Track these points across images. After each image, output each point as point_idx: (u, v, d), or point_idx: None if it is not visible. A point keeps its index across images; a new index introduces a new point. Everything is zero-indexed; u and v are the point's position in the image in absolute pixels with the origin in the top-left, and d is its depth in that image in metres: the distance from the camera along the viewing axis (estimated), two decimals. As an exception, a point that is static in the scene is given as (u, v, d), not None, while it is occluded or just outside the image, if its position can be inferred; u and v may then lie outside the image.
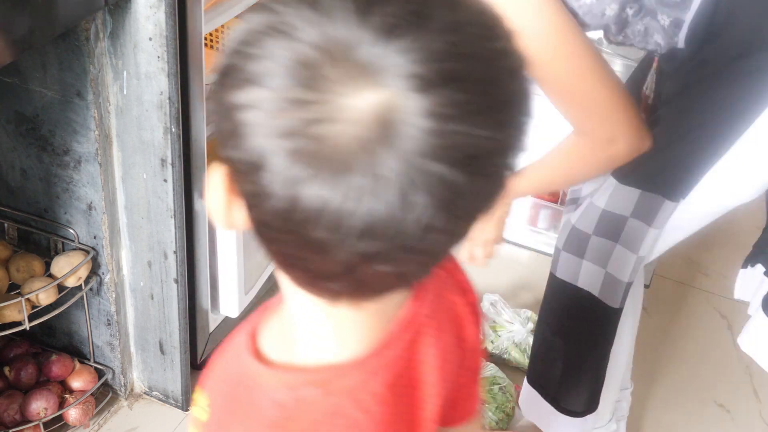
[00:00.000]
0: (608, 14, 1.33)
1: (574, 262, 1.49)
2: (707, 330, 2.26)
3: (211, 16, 1.67)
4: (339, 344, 0.71)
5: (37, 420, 1.73)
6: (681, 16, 1.30)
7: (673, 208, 1.40)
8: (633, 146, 1.32)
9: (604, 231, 1.44)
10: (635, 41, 1.37)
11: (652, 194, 1.39)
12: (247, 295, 1.96)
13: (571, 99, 1.31)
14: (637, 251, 1.44)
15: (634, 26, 1.34)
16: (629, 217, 1.42)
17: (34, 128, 1.58)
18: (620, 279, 1.47)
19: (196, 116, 1.59)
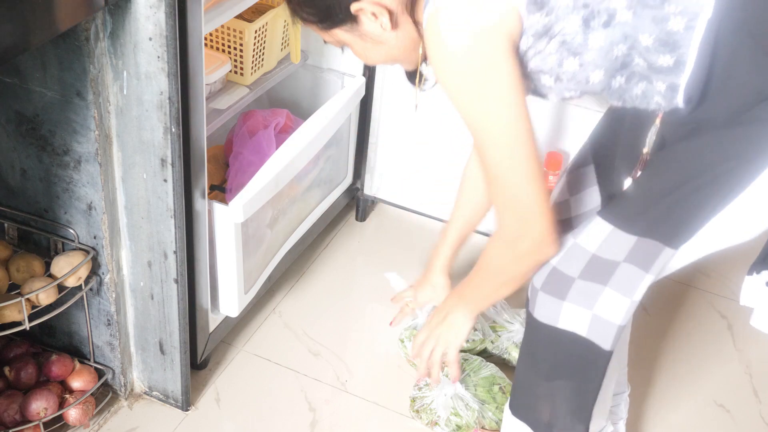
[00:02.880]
0: (593, 81, 1.33)
1: (554, 303, 1.45)
2: (707, 330, 2.26)
3: (211, 16, 1.67)
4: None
5: (37, 420, 1.73)
6: (675, 80, 1.29)
7: (672, 254, 1.38)
8: (537, 251, 1.38)
9: (592, 274, 1.41)
10: (636, 103, 1.35)
11: (651, 240, 1.37)
12: (247, 295, 1.96)
13: (498, 186, 1.35)
14: (632, 296, 1.41)
15: (631, 91, 1.33)
16: (622, 262, 1.39)
17: (34, 128, 1.58)
18: (611, 321, 1.43)
19: (196, 116, 1.59)
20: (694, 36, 1.25)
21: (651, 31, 1.26)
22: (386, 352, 2.12)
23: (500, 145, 1.30)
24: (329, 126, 2.03)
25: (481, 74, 1.26)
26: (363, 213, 2.51)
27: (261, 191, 1.81)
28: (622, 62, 1.30)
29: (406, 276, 2.34)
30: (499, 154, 1.31)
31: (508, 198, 1.35)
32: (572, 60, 1.31)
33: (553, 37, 1.28)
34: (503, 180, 1.33)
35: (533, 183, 1.32)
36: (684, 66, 1.27)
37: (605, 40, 1.28)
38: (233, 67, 2.00)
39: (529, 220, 1.35)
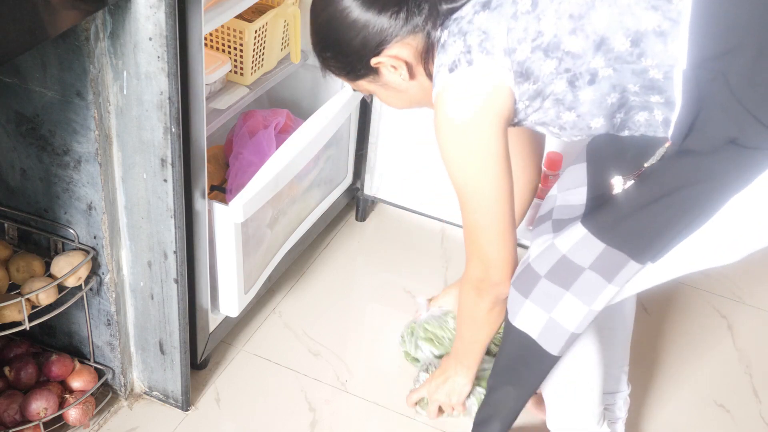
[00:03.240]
0: (595, 127, 1.40)
1: (517, 300, 1.50)
2: (707, 330, 2.26)
3: (211, 16, 1.67)
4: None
5: (37, 420, 1.73)
6: (668, 115, 1.33)
7: (637, 269, 1.40)
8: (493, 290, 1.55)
9: (556, 276, 1.45)
10: (642, 131, 1.39)
11: (617, 251, 1.39)
12: (247, 295, 1.96)
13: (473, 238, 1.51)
14: (590, 304, 1.43)
15: (634, 119, 1.37)
16: (586, 268, 1.42)
17: (34, 128, 1.58)
18: (565, 327, 1.46)
19: (196, 116, 1.59)
20: (674, 85, 1.29)
21: (634, 81, 1.31)
22: (386, 352, 2.12)
23: (479, 208, 1.46)
24: (329, 126, 2.03)
25: (474, 147, 1.40)
26: (363, 213, 2.51)
27: (261, 191, 1.81)
28: (619, 104, 1.36)
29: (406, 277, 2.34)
30: (477, 214, 1.47)
31: (478, 249, 1.51)
32: (569, 113, 1.38)
33: (546, 98, 1.36)
34: (476, 234, 1.49)
35: (502, 240, 1.48)
36: (674, 105, 1.31)
37: (595, 93, 1.34)
38: (233, 67, 2.00)
39: (492, 269, 1.52)
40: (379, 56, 1.43)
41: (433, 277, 2.34)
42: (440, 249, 2.44)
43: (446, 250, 2.43)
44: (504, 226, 1.47)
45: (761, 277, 2.44)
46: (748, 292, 2.38)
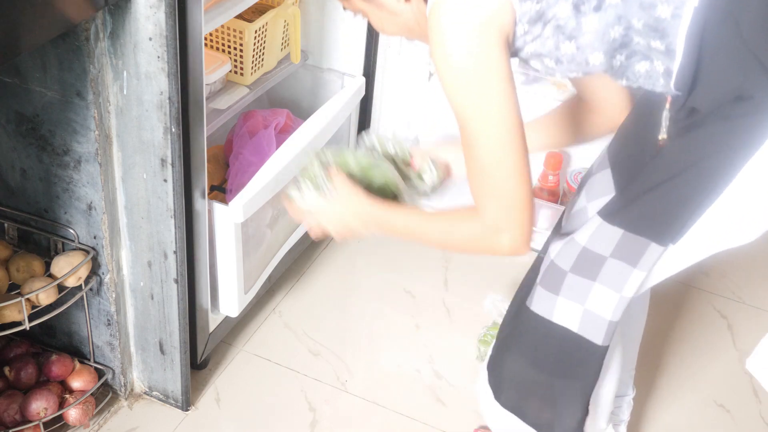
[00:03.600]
0: (593, 62, 1.33)
1: (549, 298, 1.47)
2: (707, 330, 2.26)
3: (211, 16, 1.67)
4: None
5: (37, 420, 1.73)
6: (670, 65, 1.29)
7: (660, 251, 1.37)
8: (514, 247, 1.35)
9: (582, 269, 1.42)
10: (641, 83, 1.35)
11: (636, 236, 1.37)
12: (247, 295, 1.96)
13: (483, 180, 1.34)
14: (621, 291, 1.41)
15: (634, 67, 1.33)
16: (608, 257, 1.39)
17: (34, 128, 1.58)
18: (602, 316, 1.44)
19: (196, 116, 1.59)
20: (681, 24, 1.25)
21: (639, 16, 1.26)
22: (386, 352, 2.12)
23: (489, 137, 1.31)
24: (329, 126, 2.03)
25: (476, 68, 1.27)
26: (363, 213, 2.50)
27: (261, 191, 1.81)
28: (621, 42, 1.30)
29: (406, 277, 2.34)
30: (488, 147, 1.31)
31: (493, 190, 1.34)
32: (568, 44, 1.31)
33: (548, 23, 1.29)
34: (489, 172, 1.33)
35: (519, 177, 1.32)
36: (674, 54, 1.27)
37: (599, 23, 1.28)
38: (233, 67, 2.00)
39: (512, 214, 1.34)
40: None
41: (433, 277, 2.34)
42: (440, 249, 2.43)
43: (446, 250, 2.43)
44: (520, 158, 1.32)
45: (761, 277, 2.44)
46: (748, 292, 2.38)
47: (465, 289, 2.31)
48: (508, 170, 1.32)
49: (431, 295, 2.29)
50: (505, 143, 1.31)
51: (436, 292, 2.30)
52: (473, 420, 1.96)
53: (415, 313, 2.24)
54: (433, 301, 2.27)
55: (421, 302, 2.27)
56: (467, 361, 2.11)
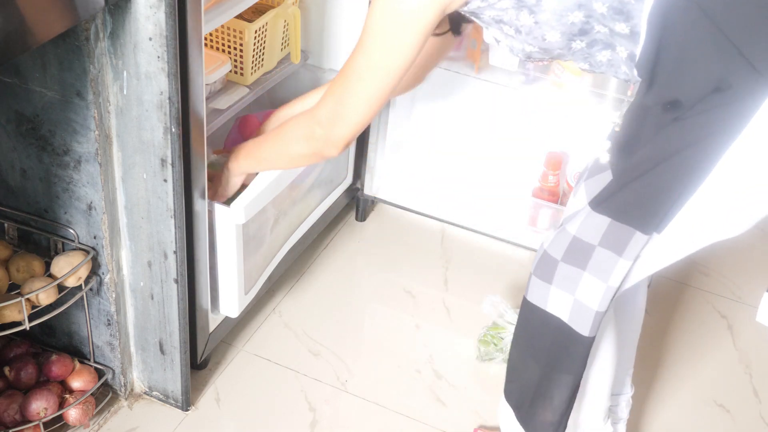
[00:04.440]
0: (549, 40, 1.36)
1: (543, 287, 1.49)
2: (707, 330, 2.26)
3: (211, 16, 1.67)
4: None
5: (37, 420, 1.73)
6: (633, 49, 1.31)
7: (645, 240, 1.38)
8: (323, 143, 1.55)
9: (572, 258, 1.44)
10: (603, 70, 1.38)
11: (622, 225, 1.38)
12: (247, 295, 1.96)
13: (341, 78, 1.48)
14: (607, 281, 1.42)
15: (595, 57, 1.36)
16: (597, 246, 1.40)
17: (34, 128, 1.58)
18: (589, 307, 1.45)
19: (196, 116, 1.59)
20: (644, 6, 1.27)
21: (604, 0, 1.29)
22: (386, 352, 2.12)
23: (369, 59, 1.44)
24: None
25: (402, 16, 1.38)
26: (363, 213, 2.51)
27: (262, 193, 1.81)
28: (581, 29, 1.33)
29: (406, 277, 2.34)
30: (363, 63, 1.44)
31: (341, 91, 1.49)
32: (528, 16, 1.35)
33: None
34: (349, 78, 1.47)
35: (369, 105, 1.47)
36: (638, 37, 1.29)
37: (559, 4, 1.32)
38: (233, 67, 2.00)
39: (339, 120, 1.51)
40: None
41: (433, 277, 2.34)
42: (440, 249, 2.44)
43: (446, 250, 2.43)
44: (381, 95, 1.46)
45: (761, 277, 2.44)
46: (748, 292, 2.38)
47: (465, 289, 2.31)
48: (363, 89, 1.47)
49: (431, 295, 2.29)
50: (381, 77, 1.44)
51: (436, 292, 2.30)
52: (473, 420, 1.96)
53: (415, 313, 2.24)
54: (433, 301, 2.27)
55: (421, 302, 2.27)
56: (467, 361, 2.11)
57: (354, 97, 1.48)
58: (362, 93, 1.47)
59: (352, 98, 1.48)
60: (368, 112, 1.49)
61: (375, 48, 1.42)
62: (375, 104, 1.48)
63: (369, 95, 1.47)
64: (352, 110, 1.49)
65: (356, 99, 1.48)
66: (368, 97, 1.47)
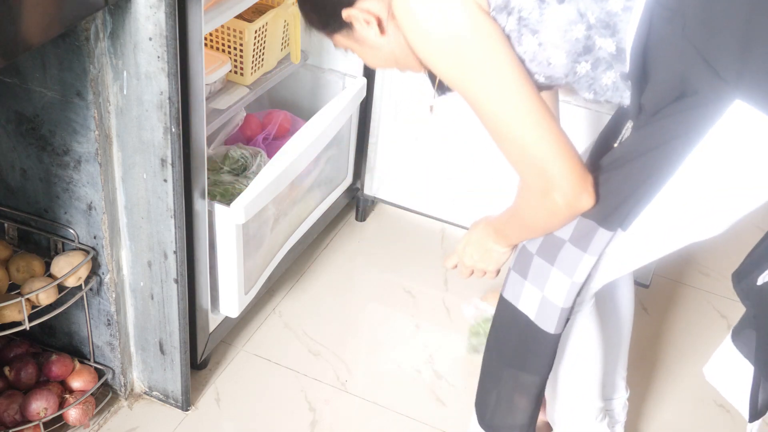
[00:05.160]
0: (555, 63, 1.32)
1: (518, 282, 1.48)
2: (707, 330, 2.26)
3: (211, 16, 1.67)
4: None
5: (37, 420, 1.73)
6: (623, 69, 1.29)
7: (609, 236, 1.37)
8: (570, 202, 1.33)
9: (544, 252, 1.44)
10: (608, 96, 1.35)
11: (587, 220, 1.38)
12: (247, 295, 1.96)
13: (508, 147, 1.32)
14: (572, 276, 1.42)
15: (600, 80, 1.33)
16: (567, 241, 1.40)
17: (34, 128, 1.58)
18: (555, 303, 1.45)
19: (196, 116, 1.59)
20: (631, 17, 1.24)
21: (593, 9, 1.26)
22: (386, 352, 2.12)
23: (498, 104, 1.28)
24: (330, 127, 2.03)
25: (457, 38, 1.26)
26: (363, 213, 2.51)
27: (262, 193, 1.81)
28: (584, 45, 1.30)
29: (406, 277, 2.34)
30: (500, 114, 1.28)
31: (521, 156, 1.31)
32: (531, 38, 1.30)
33: (511, 13, 1.28)
34: (512, 137, 1.29)
35: (545, 135, 1.28)
36: (624, 54, 1.27)
37: (562, 17, 1.28)
38: (233, 67, 2.00)
39: (552, 176, 1.30)
40: (350, 8, 1.36)
41: (433, 277, 2.34)
42: (440, 249, 2.44)
43: (446, 250, 2.43)
44: (539, 114, 1.27)
45: (761, 277, 2.44)
46: (748, 292, 2.38)
47: (465, 289, 2.31)
48: (529, 132, 1.28)
49: (431, 295, 2.29)
50: (515, 106, 1.28)
51: (436, 292, 2.30)
52: (473, 420, 1.96)
53: (415, 313, 2.24)
54: (433, 301, 2.27)
55: (421, 302, 2.27)
56: (467, 361, 2.11)
57: (535, 144, 1.29)
58: (533, 131, 1.28)
59: (535, 147, 1.29)
60: (554, 134, 1.29)
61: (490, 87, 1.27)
62: (548, 123, 1.29)
63: (537, 124, 1.28)
64: (548, 153, 1.29)
65: (538, 141, 1.29)
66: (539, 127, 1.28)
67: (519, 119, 1.28)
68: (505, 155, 1.34)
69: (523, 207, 1.41)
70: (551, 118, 1.29)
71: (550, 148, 1.29)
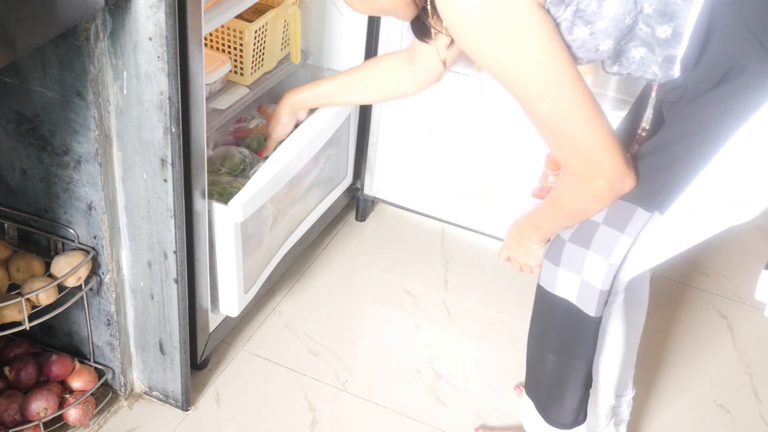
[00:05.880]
0: (602, 49, 1.33)
1: (552, 270, 1.49)
2: (707, 330, 2.26)
3: (211, 16, 1.68)
4: None
5: (37, 420, 1.73)
6: (673, 52, 1.30)
7: (647, 218, 1.38)
8: (615, 185, 1.34)
9: (578, 237, 1.44)
10: (632, 69, 1.36)
11: (625, 202, 1.38)
12: (247, 295, 1.96)
13: (553, 136, 1.32)
14: (609, 257, 1.42)
15: (629, 53, 1.34)
16: (601, 223, 1.41)
17: (34, 128, 1.58)
18: (594, 286, 1.45)
19: (196, 116, 1.59)
20: (692, 7, 1.26)
21: (651, 1, 1.27)
22: (386, 352, 2.12)
23: (544, 94, 1.26)
24: (329, 126, 2.03)
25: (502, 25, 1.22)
26: (363, 213, 2.51)
27: (260, 191, 1.81)
28: (628, 29, 1.30)
29: (406, 277, 2.34)
30: (547, 104, 1.27)
31: (569, 145, 1.30)
32: (583, 28, 1.29)
33: (569, 5, 1.27)
34: (558, 129, 1.29)
35: (590, 122, 1.28)
36: (681, 37, 1.28)
37: (619, 8, 1.27)
38: (233, 67, 2.00)
39: (597, 160, 1.30)
40: None
41: (433, 277, 2.34)
42: (440, 249, 2.44)
43: (446, 250, 2.43)
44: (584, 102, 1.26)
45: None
46: (748, 292, 2.38)
47: (465, 289, 2.31)
48: (574, 120, 1.28)
49: (431, 295, 2.29)
50: (561, 97, 1.27)
51: (436, 292, 2.30)
52: (473, 420, 1.96)
53: (415, 313, 2.24)
54: (433, 301, 2.27)
55: (421, 302, 2.27)
56: (467, 360, 2.11)
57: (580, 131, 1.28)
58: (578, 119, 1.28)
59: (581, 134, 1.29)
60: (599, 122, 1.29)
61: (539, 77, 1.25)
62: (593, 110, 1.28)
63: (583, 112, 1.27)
64: (594, 141, 1.29)
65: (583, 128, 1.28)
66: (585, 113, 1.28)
67: (570, 112, 1.27)
68: (547, 143, 1.33)
69: (564, 194, 1.41)
70: (595, 102, 1.28)
71: (595, 134, 1.29)
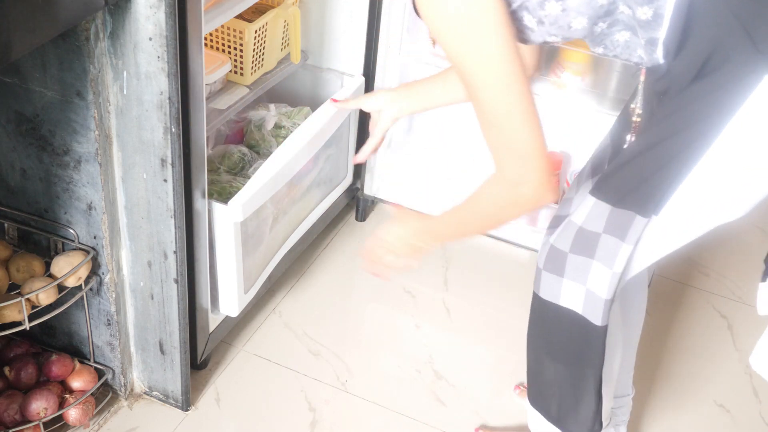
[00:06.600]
0: (575, 27, 1.32)
1: (555, 281, 1.49)
2: (707, 330, 2.26)
3: (211, 16, 1.68)
4: None
5: (37, 420, 1.73)
6: (654, 35, 1.29)
7: (644, 223, 1.39)
8: (537, 196, 1.33)
9: (580, 248, 1.44)
10: (617, 52, 1.36)
11: (622, 210, 1.39)
12: (247, 295, 1.96)
13: (494, 129, 1.31)
14: (612, 267, 1.43)
15: (613, 36, 1.33)
16: (602, 233, 1.41)
17: (34, 128, 1.58)
18: (599, 295, 1.46)
19: (196, 116, 1.59)
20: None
21: None
22: (386, 352, 2.12)
23: (493, 87, 1.27)
24: (328, 125, 2.03)
25: (467, 15, 1.24)
26: (363, 213, 2.51)
27: (260, 190, 1.81)
28: (607, 10, 1.30)
29: (406, 277, 2.34)
30: (493, 97, 1.28)
31: (505, 142, 1.31)
32: (555, 4, 1.30)
33: None
34: (499, 123, 1.30)
35: (530, 124, 1.29)
36: (662, 19, 1.27)
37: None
38: (233, 67, 2.00)
39: (529, 163, 1.31)
40: None
41: (433, 277, 2.34)
42: (440, 249, 2.43)
43: (446, 250, 2.43)
44: (528, 105, 1.28)
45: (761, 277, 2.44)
46: (748, 292, 2.38)
47: (465, 289, 2.31)
48: (516, 120, 1.29)
49: (431, 295, 2.29)
50: (508, 93, 1.27)
51: (436, 292, 2.30)
52: (473, 420, 1.96)
53: (415, 313, 2.24)
54: (433, 301, 2.27)
55: (421, 302, 2.27)
56: (467, 360, 2.11)
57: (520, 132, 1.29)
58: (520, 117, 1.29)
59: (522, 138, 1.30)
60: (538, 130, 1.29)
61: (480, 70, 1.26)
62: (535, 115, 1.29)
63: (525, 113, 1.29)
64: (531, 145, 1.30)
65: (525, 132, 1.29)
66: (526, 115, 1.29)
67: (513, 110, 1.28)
68: (487, 139, 1.33)
69: (486, 195, 1.41)
70: (537, 110, 1.29)
71: (532, 138, 1.29)
